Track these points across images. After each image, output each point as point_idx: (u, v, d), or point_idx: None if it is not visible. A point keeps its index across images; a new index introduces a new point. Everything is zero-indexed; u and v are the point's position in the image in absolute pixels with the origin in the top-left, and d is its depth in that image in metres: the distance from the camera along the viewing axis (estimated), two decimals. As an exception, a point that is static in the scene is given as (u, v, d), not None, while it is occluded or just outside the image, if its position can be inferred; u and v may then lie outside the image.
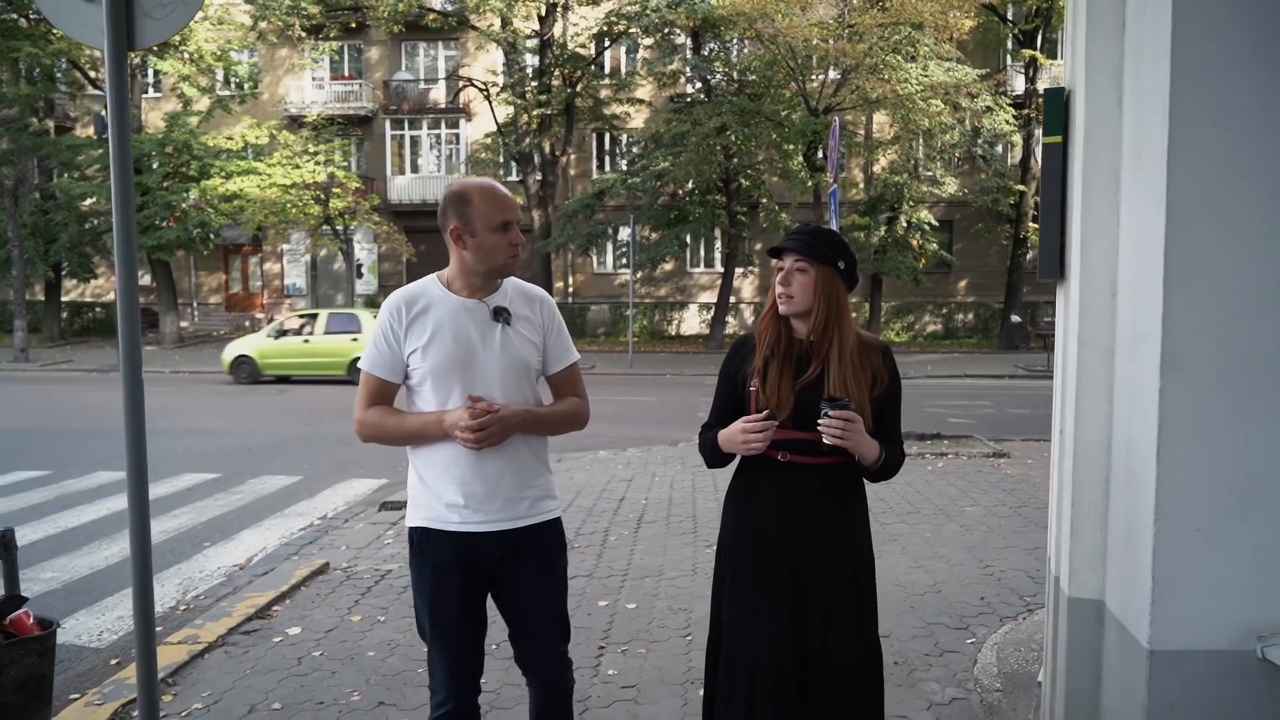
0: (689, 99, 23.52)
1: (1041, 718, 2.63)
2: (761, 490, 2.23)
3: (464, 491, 2.21)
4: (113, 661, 3.96)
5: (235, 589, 4.86)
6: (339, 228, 23.11)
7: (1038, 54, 21.73)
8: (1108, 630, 2.15)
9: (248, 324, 28.66)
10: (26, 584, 3.46)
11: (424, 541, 2.26)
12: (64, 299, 27.84)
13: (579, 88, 23.40)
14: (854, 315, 2.32)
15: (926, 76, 19.20)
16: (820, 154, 19.96)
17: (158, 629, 4.37)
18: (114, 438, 9.98)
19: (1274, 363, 1.83)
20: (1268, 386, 1.83)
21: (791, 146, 20.95)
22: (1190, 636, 1.87)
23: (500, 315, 2.23)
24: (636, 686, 3.47)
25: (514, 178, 25.48)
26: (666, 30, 21.62)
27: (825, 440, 2.05)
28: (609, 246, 26.88)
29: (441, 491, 2.22)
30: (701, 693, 3.38)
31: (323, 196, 21.90)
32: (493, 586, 2.30)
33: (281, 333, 17.06)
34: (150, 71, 25.30)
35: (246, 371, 16.49)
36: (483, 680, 2.37)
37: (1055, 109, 2.35)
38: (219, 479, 7.89)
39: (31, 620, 2.14)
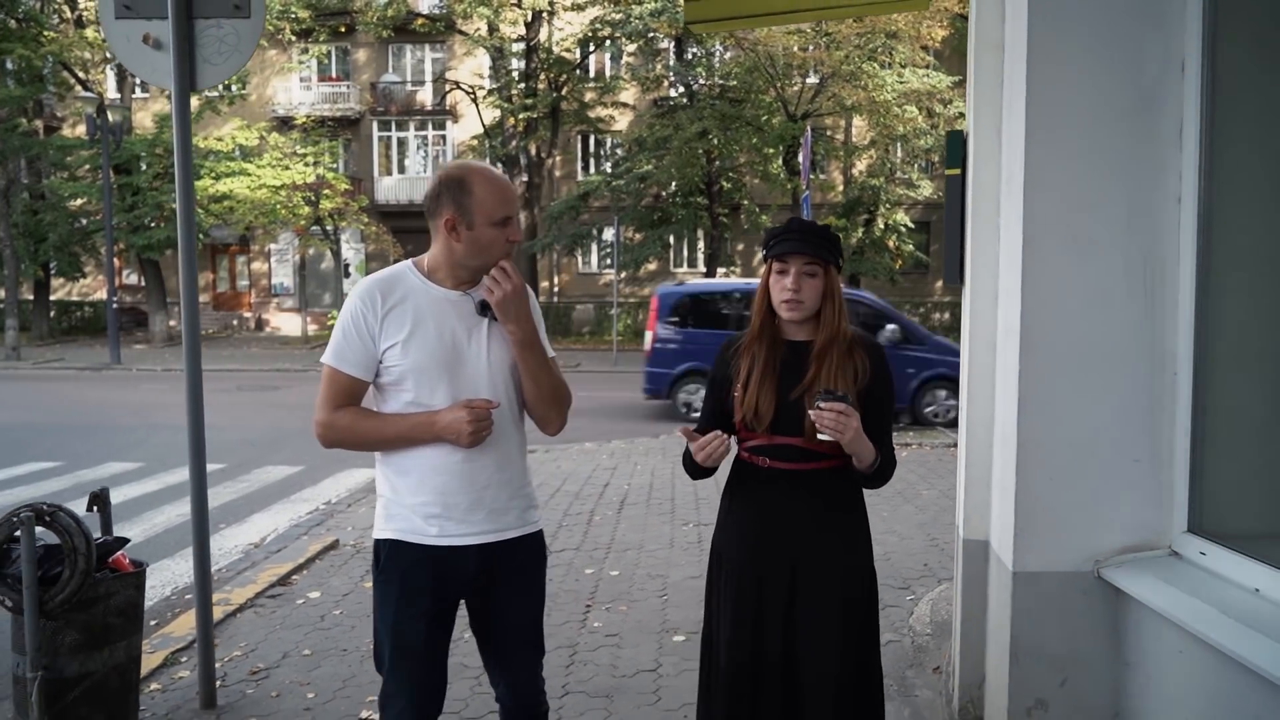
0: (672, 103, 24.10)
1: (951, 647, 3.18)
2: (744, 496, 2.19)
3: (445, 501, 2.01)
4: (151, 622, 4.44)
5: (254, 563, 5.34)
6: (328, 228, 23.51)
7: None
8: (990, 563, 2.70)
9: (235, 323, 29.02)
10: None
11: (393, 555, 2.05)
12: (52, 298, 28.05)
13: (564, 91, 23.91)
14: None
15: (902, 83, 19.85)
16: (799, 158, 20.58)
17: (187, 596, 4.90)
18: (118, 432, 10.47)
19: (1103, 350, 2.37)
20: (1099, 368, 2.37)
21: (771, 150, 21.56)
22: (1044, 561, 2.41)
23: (487, 309, 2.02)
24: (619, 635, 4.00)
25: (500, 179, 25.93)
26: (649, 35, 22.19)
27: (821, 435, 1.97)
28: (594, 247, 27.42)
29: (418, 501, 2.02)
30: (676, 639, 3.94)
31: (313, 198, 22.29)
32: (467, 604, 2.14)
33: None
34: (139, 73, 25.53)
35: None
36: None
37: (955, 147, 2.89)
38: (225, 469, 8.34)
39: (127, 560, 2.63)
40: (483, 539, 2.04)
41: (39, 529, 2.34)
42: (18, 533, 2.34)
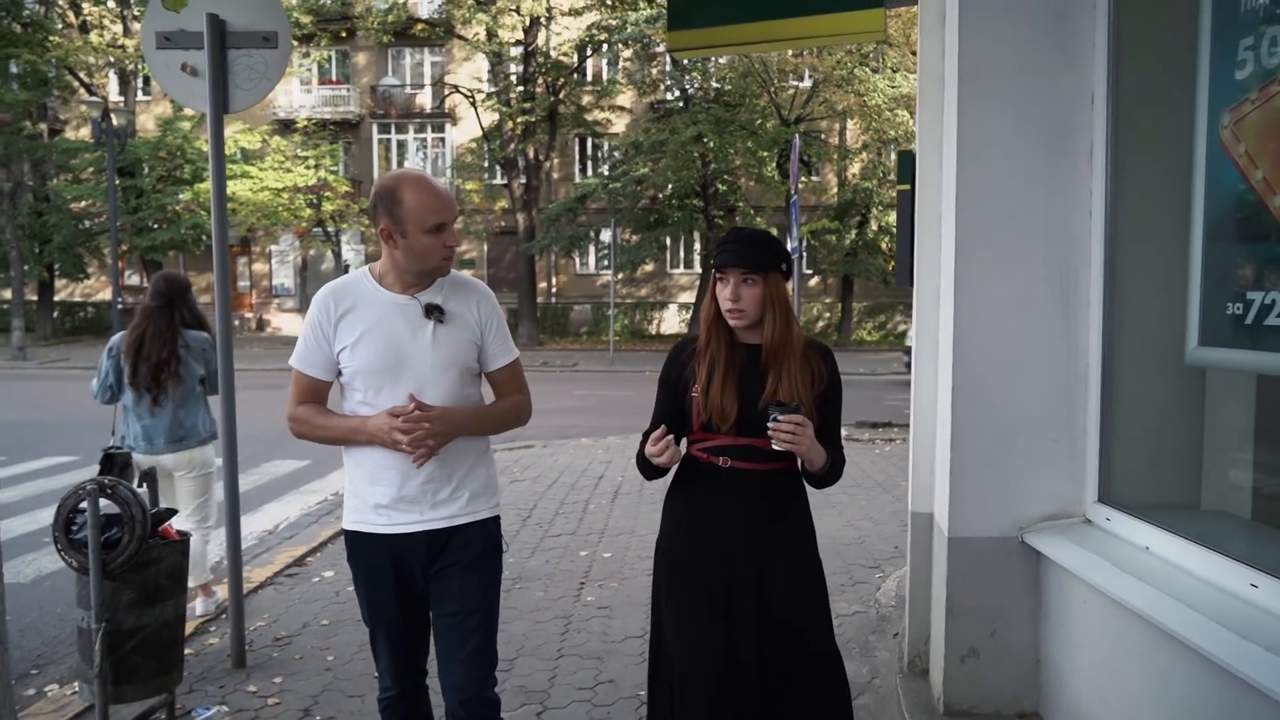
0: (667, 106, 24.50)
1: (906, 612, 3.54)
2: (700, 496, 2.21)
3: (391, 494, 2.16)
4: (178, 600, 4.80)
5: (269, 548, 5.70)
6: (329, 230, 23.88)
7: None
8: (933, 532, 3.06)
9: (236, 324, 29.35)
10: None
11: (355, 543, 2.25)
12: (56, 299, 28.38)
13: (562, 95, 24.29)
14: (826, 316, 2.51)
15: (894, 88, 20.23)
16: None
17: (209, 577, 5.24)
18: (130, 428, 10.79)
19: (1026, 345, 2.72)
20: (1022, 361, 2.73)
21: (765, 154, 21.96)
22: (975, 527, 2.77)
23: (432, 312, 2.15)
24: (610, 607, 4.36)
25: (499, 181, 26.34)
26: (645, 41, 22.58)
27: (775, 445, 2.02)
28: (591, 248, 27.79)
29: (368, 494, 2.18)
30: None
31: (314, 200, 22.66)
32: (427, 587, 2.25)
33: None
34: (142, 77, 25.92)
35: None
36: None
37: (906, 165, 3.25)
38: (236, 462, 8.68)
39: (174, 530, 2.99)
40: (428, 525, 2.18)
41: (101, 500, 2.70)
42: (83, 503, 2.69)
